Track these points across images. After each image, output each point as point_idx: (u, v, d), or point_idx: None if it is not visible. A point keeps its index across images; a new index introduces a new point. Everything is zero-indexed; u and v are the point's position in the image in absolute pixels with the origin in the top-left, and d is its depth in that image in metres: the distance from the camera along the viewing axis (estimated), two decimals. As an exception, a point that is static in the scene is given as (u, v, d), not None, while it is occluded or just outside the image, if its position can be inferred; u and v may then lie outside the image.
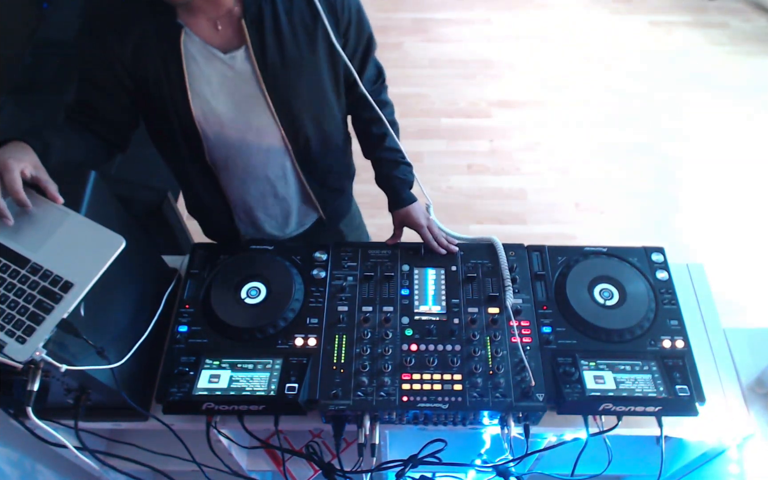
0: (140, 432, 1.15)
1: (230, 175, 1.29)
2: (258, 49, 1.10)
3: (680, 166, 3.04)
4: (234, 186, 1.32)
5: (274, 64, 1.12)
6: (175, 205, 2.19)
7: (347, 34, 1.19)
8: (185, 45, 1.08)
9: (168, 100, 1.13)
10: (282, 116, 1.19)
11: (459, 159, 3.07)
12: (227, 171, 1.28)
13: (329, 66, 1.19)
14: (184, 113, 1.14)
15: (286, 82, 1.15)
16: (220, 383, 1.07)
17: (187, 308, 1.17)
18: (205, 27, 1.09)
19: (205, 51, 1.10)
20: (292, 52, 1.13)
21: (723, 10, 3.85)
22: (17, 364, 0.83)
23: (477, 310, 1.18)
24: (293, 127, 1.23)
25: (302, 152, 1.29)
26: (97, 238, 0.93)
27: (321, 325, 1.16)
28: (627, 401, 1.05)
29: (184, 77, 1.09)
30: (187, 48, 1.08)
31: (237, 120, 1.18)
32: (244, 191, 1.33)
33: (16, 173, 0.90)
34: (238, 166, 1.26)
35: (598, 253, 1.26)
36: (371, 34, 1.25)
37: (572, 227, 2.80)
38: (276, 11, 1.09)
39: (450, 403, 1.06)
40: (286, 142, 1.24)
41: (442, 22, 3.80)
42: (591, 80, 3.45)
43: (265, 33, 1.09)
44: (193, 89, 1.11)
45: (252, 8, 1.08)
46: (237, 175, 1.29)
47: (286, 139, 1.24)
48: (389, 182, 1.36)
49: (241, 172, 1.28)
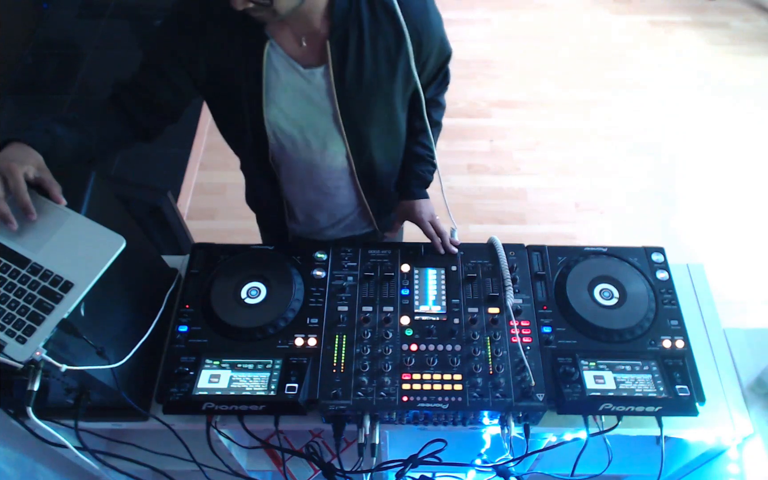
0: (140, 432, 1.15)
1: (291, 178, 1.33)
2: (338, 69, 1.12)
3: (680, 166, 3.04)
4: (292, 190, 1.36)
5: (351, 86, 1.14)
6: (175, 205, 2.18)
7: (427, 63, 1.21)
8: (268, 54, 1.10)
9: (244, 100, 1.15)
10: (350, 136, 1.22)
11: (459, 159, 3.07)
12: (288, 175, 1.32)
13: (403, 90, 1.21)
14: (257, 116, 1.16)
15: (359, 105, 1.18)
16: (220, 383, 1.07)
17: (187, 308, 1.17)
18: (290, 40, 1.11)
19: (286, 63, 1.12)
20: (370, 77, 1.14)
21: (723, 10, 3.85)
22: (17, 364, 0.83)
23: (477, 310, 1.18)
24: (359, 148, 1.25)
25: (365, 171, 1.32)
26: (97, 238, 0.93)
27: (321, 325, 1.16)
28: (627, 401, 1.05)
29: (262, 84, 1.12)
30: (269, 57, 1.10)
31: (306, 131, 1.21)
32: (301, 196, 1.37)
33: (20, 177, 0.90)
34: (300, 173, 1.30)
35: (598, 253, 1.26)
36: (449, 53, 1.28)
37: (572, 227, 2.81)
38: (362, 36, 1.10)
39: (450, 403, 1.06)
40: (351, 160, 1.27)
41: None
42: (591, 80, 3.45)
43: (347, 55, 1.11)
44: (269, 96, 1.14)
45: (339, 30, 1.09)
46: (297, 180, 1.33)
47: (351, 157, 1.27)
48: (407, 172, 1.38)
49: (302, 178, 1.31)
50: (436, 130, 1.38)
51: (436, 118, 1.38)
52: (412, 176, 1.37)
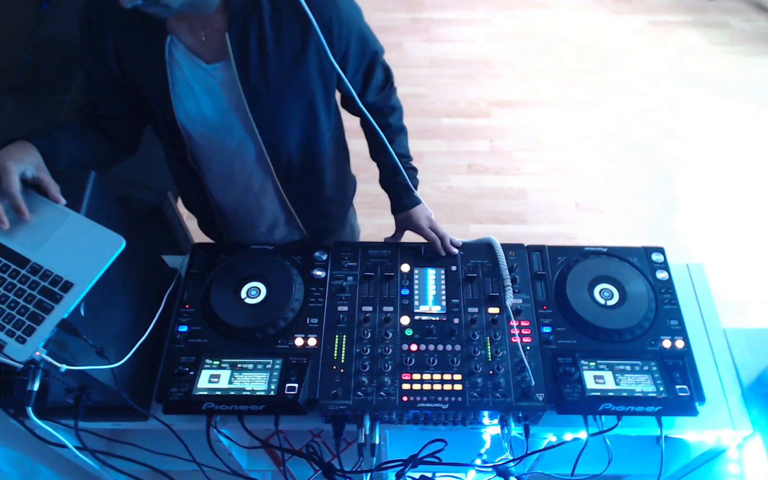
0: (140, 432, 1.15)
1: (213, 177, 1.29)
2: (240, 64, 1.09)
3: (680, 165, 3.04)
4: (217, 189, 1.32)
5: (257, 82, 1.11)
6: (175, 205, 2.18)
7: (347, 57, 1.16)
8: (170, 50, 1.08)
9: (154, 100, 1.14)
10: (263, 134, 1.19)
11: (459, 159, 3.07)
12: (210, 173, 1.28)
13: (323, 87, 1.17)
14: (168, 114, 1.15)
15: (269, 101, 1.14)
16: (220, 383, 1.07)
17: (187, 308, 1.17)
18: (191, 36, 1.09)
19: (188, 59, 1.10)
20: (276, 71, 1.11)
21: (723, 10, 3.85)
22: (17, 364, 0.83)
23: (477, 310, 1.18)
24: (275, 146, 1.22)
25: (284, 171, 1.27)
26: (97, 238, 0.93)
27: (321, 325, 1.16)
28: (627, 401, 1.05)
29: (167, 80, 1.10)
30: (171, 53, 1.08)
31: (219, 128, 1.18)
32: (226, 196, 1.33)
33: (14, 176, 0.90)
34: (221, 171, 1.27)
35: (598, 253, 1.26)
36: (377, 49, 1.23)
37: (572, 227, 2.80)
38: (262, 28, 1.07)
39: (450, 403, 1.06)
40: (267, 159, 1.23)
41: (442, 22, 3.80)
42: (591, 80, 3.44)
43: (249, 49, 1.08)
44: (176, 92, 1.12)
45: (236, 23, 1.06)
46: (219, 178, 1.29)
47: (267, 156, 1.23)
48: (391, 187, 1.36)
49: (223, 176, 1.28)
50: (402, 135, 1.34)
51: (397, 122, 1.33)
52: (397, 188, 1.34)
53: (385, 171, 1.36)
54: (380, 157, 1.34)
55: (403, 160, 1.31)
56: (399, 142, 1.33)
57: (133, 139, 1.25)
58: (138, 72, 1.12)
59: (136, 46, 1.09)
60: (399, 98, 1.35)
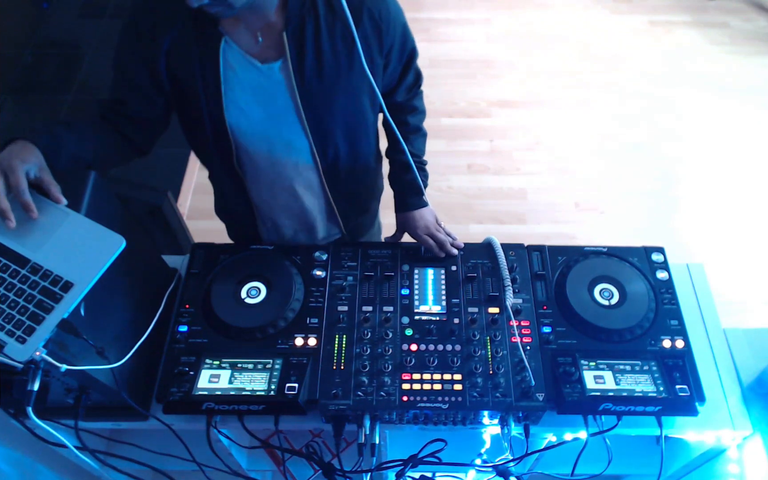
0: (140, 432, 1.15)
1: (257, 182, 1.30)
2: (296, 62, 1.10)
3: (680, 166, 3.04)
4: (260, 193, 1.33)
5: (311, 79, 1.12)
6: (175, 205, 2.19)
7: (390, 55, 1.19)
8: (224, 53, 1.08)
9: (203, 104, 1.13)
10: (314, 131, 1.20)
11: (459, 159, 3.07)
12: (255, 178, 1.29)
13: (368, 84, 1.18)
14: (217, 118, 1.14)
15: (321, 98, 1.15)
16: (220, 383, 1.07)
17: (187, 308, 1.17)
18: (246, 36, 1.09)
19: (243, 60, 1.10)
20: (330, 68, 1.12)
21: (723, 10, 3.85)
22: (17, 364, 0.83)
23: (477, 310, 1.18)
24: (324, 143, 1.23)
25: (330, 168, 1.28)
26: (97, 238, 0.93)
27: (321, 325, 1.16)
28: (627, 401, 1.05)
29: (220, 84, 1.10)
30: (225, 56, 1.09)
31: (268, 130, 1.19)
32: (269, 199, 1.34)
33: (21, 175, 0.90)
34: (266, 174, 1.27)
35: (598, 253, 1.26)
36: (414, 47, 1.26)
37: (572, 227, 2.80)
38: (318, 26, 1.08)
39: (450, 403, 1.06)
40: (315, 156, 1.25)
41: (442, 22, 3.80)
42: (591, 80, 3.44)
43: (305, 47, 1.09)
44: (228, 96, 1.12)
45: (294, 22, 1.07)
46: (264, 183, 1.30)
47: (316, 153, 1.24)
48: (398, 184, 1.37)
49: (268, 180, 1.29)
50: (419, 136, 1.35)
51: (415, 123, 1.34)
52: (403, 186, 1.35)
53: (394, 166, 1.37)
54: (393, 153, 1.36)
55: (413, 159, 1.32)
56: (413, 141, 1.34)
57: (151, 141, 1.25)
58: (189, 77, 1.11)
59: (189, 50, 1.08)
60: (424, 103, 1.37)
